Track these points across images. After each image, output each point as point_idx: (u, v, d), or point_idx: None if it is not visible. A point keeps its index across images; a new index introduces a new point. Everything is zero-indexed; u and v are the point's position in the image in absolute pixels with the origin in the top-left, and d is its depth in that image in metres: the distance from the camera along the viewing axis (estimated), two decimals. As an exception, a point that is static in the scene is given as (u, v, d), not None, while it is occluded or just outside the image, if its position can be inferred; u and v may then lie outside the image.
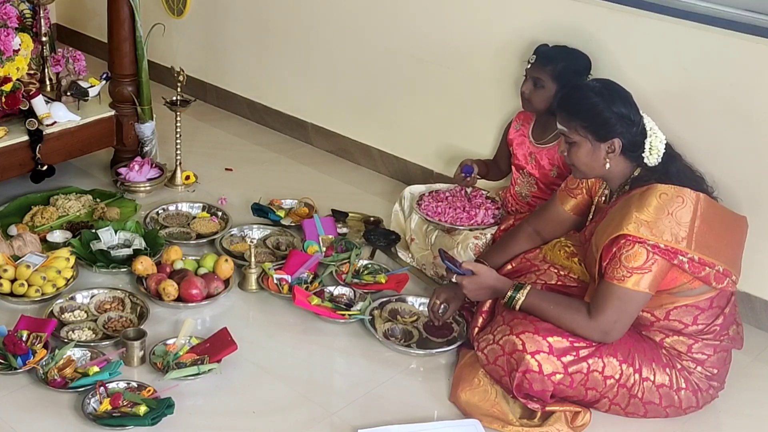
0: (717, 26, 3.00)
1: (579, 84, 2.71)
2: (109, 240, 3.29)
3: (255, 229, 3.55)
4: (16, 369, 2.66)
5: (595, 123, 2.58)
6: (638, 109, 2.63)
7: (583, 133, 2.60)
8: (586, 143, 2.61)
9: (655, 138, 2.61)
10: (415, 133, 3.96)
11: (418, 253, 3.35)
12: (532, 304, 2.62)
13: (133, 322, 2.95)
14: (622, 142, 2.59)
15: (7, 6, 3.50)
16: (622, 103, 2.60)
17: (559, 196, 2.91)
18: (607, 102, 2.58)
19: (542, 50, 3.18)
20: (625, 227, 2.48)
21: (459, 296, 2.86)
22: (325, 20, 4.13)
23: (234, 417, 2.63)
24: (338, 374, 2.86)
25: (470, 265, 2.72)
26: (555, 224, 2.91)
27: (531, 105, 3.22)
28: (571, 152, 2.65)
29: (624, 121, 2.58)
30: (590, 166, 2.64)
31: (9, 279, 3.03)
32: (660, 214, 2.48)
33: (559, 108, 2.67)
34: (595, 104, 2.58)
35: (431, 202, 3.40)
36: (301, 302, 3.01)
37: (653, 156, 2.60)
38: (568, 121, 2.62)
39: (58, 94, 3.78)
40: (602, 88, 2.63)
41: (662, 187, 2.53)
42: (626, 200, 2.58)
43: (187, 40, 4.75)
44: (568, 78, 3.11)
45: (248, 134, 4.49)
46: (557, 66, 3.12)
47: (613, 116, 2.57)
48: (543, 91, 3.15)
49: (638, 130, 2.60)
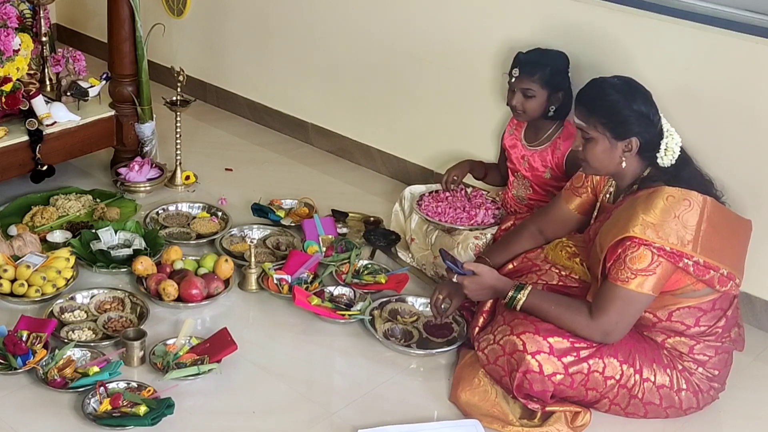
0: (717, 26, 3.00)
1: (599, 80, 2.66)
2: (109, 240, 3.29)
3: (255, 229, 3.55)
4: (16, 369, 2.66)
5: (615, 121, 2.56)
6: (657, 108, 2.61)
7: (602, 130, 2.57)
8: (603, 140, 2.58)
9: (672, 140, 2.58)
10: (415, 133, 3.96)
11: (418, 253, 3.34)
12: (533, 305, 2.61)
13: (133, 322, 2.95)
14: (640, 142, 2.57)
15: (7, 6, 3.50)
16: (642, 102, 2.58)
17: (564, 195, 2.90)
18: (628, 100, 2.56)
19: (524, 60, 3.16)
20: (631, 229, 2.47)
21: (461, 293, 2.84)
22: (325, 20, 4.13)
23: (234, 417, 2.63)
24: (338, 374, 2.86)
25: (471, 265, 2.72)
26: (559, 223, 2.90)
27: (525, 115, 3.20)
28: (587, 148, 2.62)
29: (643, 120, 2.56)
30: (605, 163, 2.62)
31: (9, 279, 3.03)
32: (666, 217, 2.47)
33: (579, 103, 2.64)
34: (616, 101, 2.56)
35: (431, 202, 3.40)
36: (301, 302, 3.01)
37: (668, 158, 2.58)
38: (588, 116, 2.59)
39: (58, 94, 3.78)
40: (623, 85, 2.61)
41: (669, 189, 2.51)
42: (632, 201, 2.56)
43: (187, 40, 4.75)
44: (558, 80, 3.13)
45: (248, 134, 4.49)
46: (545, 72, 3.12)
47: (633, 115, 2.55)
48: (535, 100, 3.14)
49: (656, 131, 2.58)
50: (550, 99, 3.15)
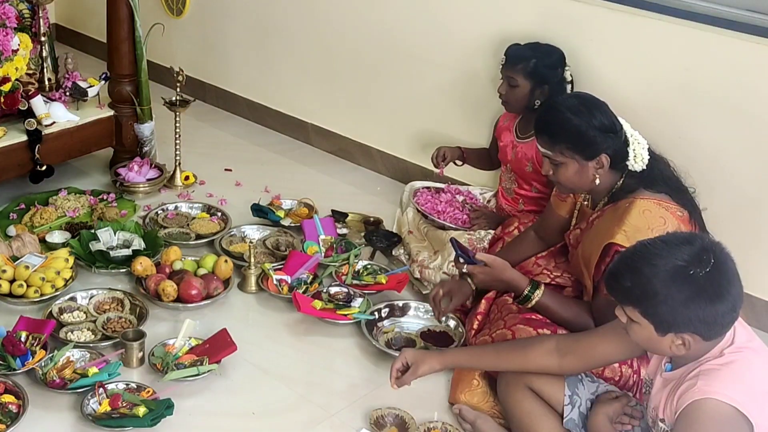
0: (717, 26, 3.00)
1: (553, 103, 2.61)
2: (108, 240, 3.28)
3: (255, 230, 3.54)
4: (15, 370, 2.65)
5: (581, 144, 2.51)
6: (616, 116, 2.57)
7: (570, 154, 2.53)
8: (573, 163, 2.54)
9: (638, 144, 2.54)
10: (415, 133, 3.96)
11: (415, 246, 3.32)
12: (545, 305, 2.62)
13: (133, 323, 2.94)
14: (609, 156, 2.52)
15: (5, 6, 3.49)
16: (602, 115, 2.53)
17: (552, 202, 2.89)
18: (587, 118, 2.50)
19: (511, 50, 3.22)
20: (614, 237, 2.44)
21: (464, 292, 2.84)
22: (325, 20, 4.12)
23: (234, 418, 2.63)
24: (338, 375, 2.86)
25: (483, 256, 2.70)
26: (555, 229, 2.89)
27: (509, 105, 3.27)
28: (558, 173, 2.57)
29: (608, 134, 2.51)
30: (578, 184, 2.58)
31: (8, 280, 3.02)
32: (643, 228, 2.42)
33: (539, 132, 2.59)
34: (578, 125, 2.50)
35: (429, 198, 3.44)
36: (308, 309, 2.99)
37: (638, 163, 2.53)
38: (552, 145, 2.54)
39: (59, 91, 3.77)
40: (579, 105, 2.54)
41: (645, 203, 2.47)
42: (612, 211, 2.54)
43: (186, 40, 4.75)
44: (543, 74, 3.16)
45: (248, 134, 4.49)
46: (528, 64, 3.16)
47: (597, 133, 2.49)
48: (518, 90, 3.19)
49: (622, 141, 2.54)
50: (534, 91, 3.17)
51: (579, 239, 2.66)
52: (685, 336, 1.94)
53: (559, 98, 2.64)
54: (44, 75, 3.80)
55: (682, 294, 1.89)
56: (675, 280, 1.89)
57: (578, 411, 2.37)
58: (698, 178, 2.79)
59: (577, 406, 2.37)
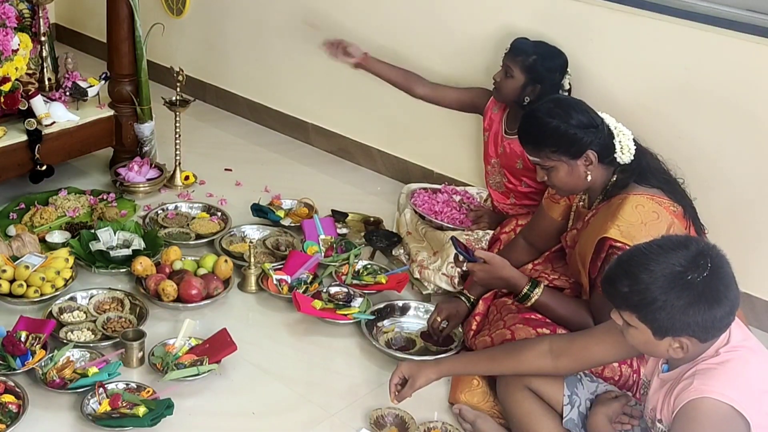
0: (717, 26, 3.00)
1: (530, 112, 2.64)
2: (108, 240, 3.28)
3: (255, 230, 3.54)
4: (15, 370, 2.65)
5: (564, 144, 2.53)
6: (595, 112, 2.59)
7: (556, 157, 2.55)
8: (562, 165, 2.56)
9: (623, 136, 2.57)
10: (415, 133, 3.96)
11: (414, 246, 3.32)
12: (544, 304, 2.63)
13: (133, 323, 2.94)
14: (596, 151, 2.54)
15: (5, 6, 3.49)
16: (580, 113, 2.55)
17: (545, 204, 2.88)
18: (565, 119, 2.53)
19: (517, 41, 3.22)
20: (608, 231, 2.45)
21: (460, 314, 2.87)
22: (325, 20, 4.12)
23: (234, 418, 2.63)
24: (338, 375, 2.86)
25: (483, 254, 2.71)
26: (546, 234, 2.88)
27: (499, 93, 3.27)
28: (551, 177, 2.60)
29: (589, 130, 2.53)
30: (572, 184, 2.60)
31: (8, 279, 3.02)
32: (636, 223, 2.43)
33: (524, 143, 2.63)
34: (556, 127, 2.52)
35: (426, 199, 3.45)
36: (307, 309, 2.99)
37: (626, 154, 2.56)
38: (538, 151, 2.58)
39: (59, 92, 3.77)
40: (554, 107, 2.57)
41: (638, 198, 2.48)
42: (606, 208, 2.55)
43: (186, 40, 4.75)
44: (540, 73, 3.15)
45: (248, 134, 4.49)
46: (528, 58, 3.16)
47: (578, 131, 2.52)
48: (512, 81, 3.19)
49: (605, 134, 2.56)
50: (526, 87, 3.17)
51: (576, 239, 2.67)
52: (682, 339, 1.94)
53: (535, 105, 2.67)
54: (44, 75, 3.80)
55: (680, 300, 1.89)
56: (673, 287, 1.89)
57: (578, 411, 2.37)
58: (698, 177, 2.80)
59: (576, 406, 2.37)
